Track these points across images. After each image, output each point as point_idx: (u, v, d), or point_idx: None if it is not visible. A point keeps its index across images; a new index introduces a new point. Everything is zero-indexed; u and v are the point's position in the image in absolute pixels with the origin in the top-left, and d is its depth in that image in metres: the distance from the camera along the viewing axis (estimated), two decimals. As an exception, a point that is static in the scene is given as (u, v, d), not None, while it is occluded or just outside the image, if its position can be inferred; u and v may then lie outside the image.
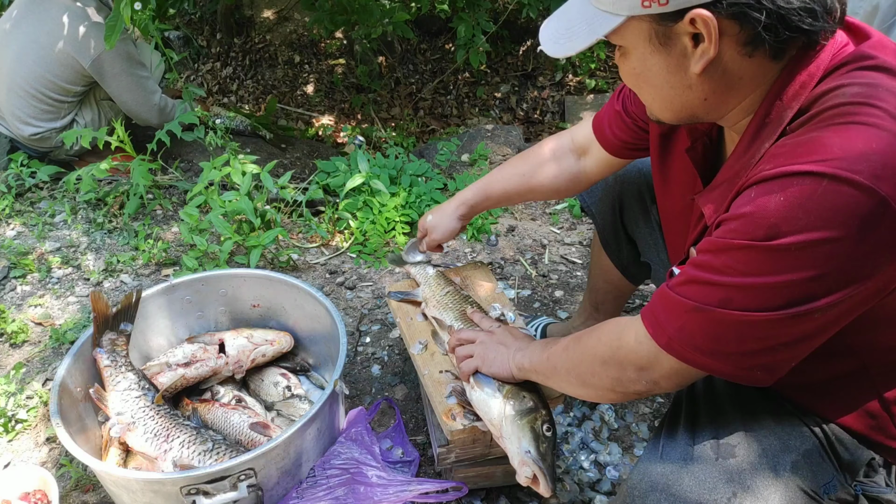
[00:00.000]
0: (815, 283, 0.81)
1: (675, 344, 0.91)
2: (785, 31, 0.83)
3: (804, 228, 0.78)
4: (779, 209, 0.80)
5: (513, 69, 4.91)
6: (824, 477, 0.99)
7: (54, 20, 2.69)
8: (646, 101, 1.03)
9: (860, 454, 1.03)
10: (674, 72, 0.91)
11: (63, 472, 1.63)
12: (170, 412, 1.51)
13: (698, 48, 0.87)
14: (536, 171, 1.53)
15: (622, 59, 0.97)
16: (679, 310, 0.90)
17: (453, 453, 1.42)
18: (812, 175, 0.79)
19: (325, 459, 1.47)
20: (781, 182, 0.81)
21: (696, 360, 0.91)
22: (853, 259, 0.79)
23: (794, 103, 0.87)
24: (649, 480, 0.99)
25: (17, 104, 2.77)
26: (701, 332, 0.89)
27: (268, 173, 2.41)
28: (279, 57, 4.94)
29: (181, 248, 2.52)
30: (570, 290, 2.30)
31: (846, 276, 0.80)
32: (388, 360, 1.99)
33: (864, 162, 0.77)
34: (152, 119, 2.95)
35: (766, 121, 0.90)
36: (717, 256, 0.86)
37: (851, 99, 0.82)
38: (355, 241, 2.53)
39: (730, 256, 0.85)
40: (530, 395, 1.29)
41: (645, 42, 0.90)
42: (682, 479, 0.97)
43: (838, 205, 0.77)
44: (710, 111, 0.96)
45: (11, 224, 2.64)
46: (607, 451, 1.68)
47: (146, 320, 1.74)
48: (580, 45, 0.94)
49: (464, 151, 3.24)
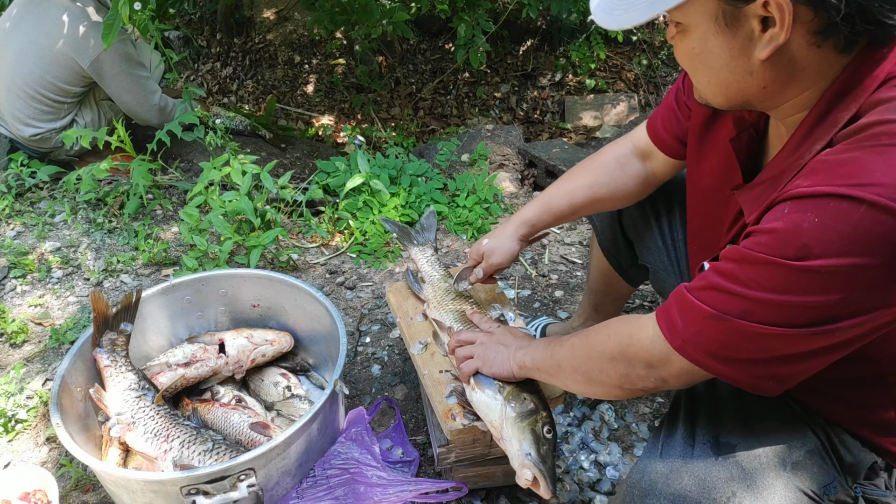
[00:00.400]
0: (840, 306, 0.80)
1: (689, 348, 0.91)
2: (862, 24, 0.79)
3: (836, 253, 0.77)
4: (812, 230, 0.79)
5: (513, 69, 4.91)
6: (825, 478, 0.99)
7: (53, 21, 2.69)
8: (699, 84, 0.98)
9: (863, 457, 1.02)
10: (736, 56, 0.87)
11: (63, 472, 1.63)
12: (170, 412, 1.51)
13: (766, 33, 0.82)
14: (603, 179, 1.46)
15: (680, 37, 0.92)
16: (697, 315, 0.90)
17: (453, 453, 1.42)
18: (850, 199, 0.77)
19: (325, 459, 1.47)
20: (817, 202, 0.79)
21: (708, 364, 0.90)
22: (882, 286, 0.78)
23: (852, 105, 0.84)
24: (649, 480, 0.99)
25: (16, 105, 2.77)
26: (717, 339, 0.88)
27: (268, 173, 2.41)
28: (279, 57, 4.94)
29: (181, 248, 2.52)
30: (570, 290, 2.30)
31: (873, 301, 0.80)
32: (388, 360, 1.99)
33: None
34: (152, 119, 2.95)
35: (822, 120, 0.87)
36: (742, 268, 0.85)
37: None
38: (355, 241, 2.53)
39: (756, 270, 0.83)
40: (531, 397, 1.29)
41: (710, 21, 0.86)
42: (682, 478, 0.96)
43: (874, 232, 0.76)
44: (765, 100, 0.92)
45: (11, 224, 2.64)
46: (607, 451, 1.68)
47: (146, 320, 1.74)
48: (639, 18, 0.87)
49: (464, 151, 3.24)
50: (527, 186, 3.16)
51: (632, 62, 4.94)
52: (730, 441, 1.00)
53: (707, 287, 0.89)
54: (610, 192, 1.45)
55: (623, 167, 1.45)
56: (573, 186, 1.49)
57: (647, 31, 4.98)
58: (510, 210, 2.83)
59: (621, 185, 1.45)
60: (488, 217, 2.70)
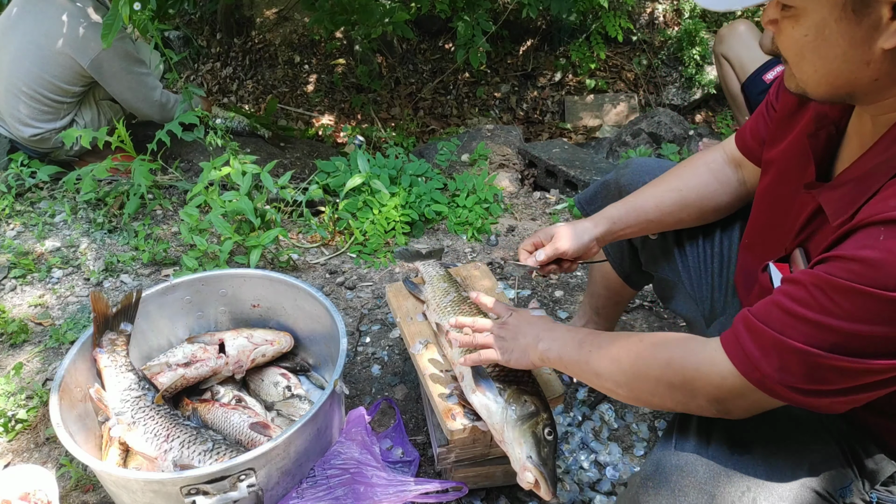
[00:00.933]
0: None
1: (769, 382, 0.86)
2: None
3: None
4: None
5: (513, 69, 4.92)
6: (842, 481, 0.97)
7: (52, 20, 2.69)
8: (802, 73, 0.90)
9: (884, 465, 1.01)
10: (858, 45, 0.81)
11: (63, 472, 1.63)
12: (170, 412, 1.51)
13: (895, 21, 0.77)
14: (692, 183, 1.38)
15: (790, 22, 0.85)
16: (780, 348, 0.84)
17: (453, 453, 1.42)
18: None
19: (325, 459, 1.47)
20: None
21: (789, 397, 0.86)
22: None
23: None
24: (662, 472, 0.96)
25: (16, 105, 2.77)
26: (803, 373, 0.83)
27: (268, 173, 2.41)
28: (279, 57, 4.94)
29: (181, 248, 2.52)
30: (570, 290, 2.30)
31: None
32: (388, 360, 1.99)
33: None
34: (155, 115, 2.96)
35: None
36: (830, 297, 0.80)
37: None
38: (355, 241, 2.53)
39: (848, 300, 0.78)
40: (532, 399, 1.28)
41: (833, 6, 0.80)
42: (697, 471, 0.94)
43: None
44: (872, 93, 0.87)
45: (11, 224, 2.64)
46: (607, 451, 1.68)
47: (146, 320, 1.74)
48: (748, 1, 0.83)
49: (464, 151, 3.24)
50: (527, 186, 3.16)
51: (632, 62, 4.94)
52: (745, 438, 0.97)
53: (787, 315, 0.84)
54: (699, 196, 1.37)
55: (714, 173, 1.38)
56: (661, 189, 1.41)
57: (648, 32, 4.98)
58: (510, 210, 2.83)
59: (712, 190, 1.37)
60: (488, 217, 2.70)
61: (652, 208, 1.38)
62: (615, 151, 3.47)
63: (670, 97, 4.81)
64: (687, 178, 1.38)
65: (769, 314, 0.85)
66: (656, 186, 1.41)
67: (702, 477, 0.93)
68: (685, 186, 1.37)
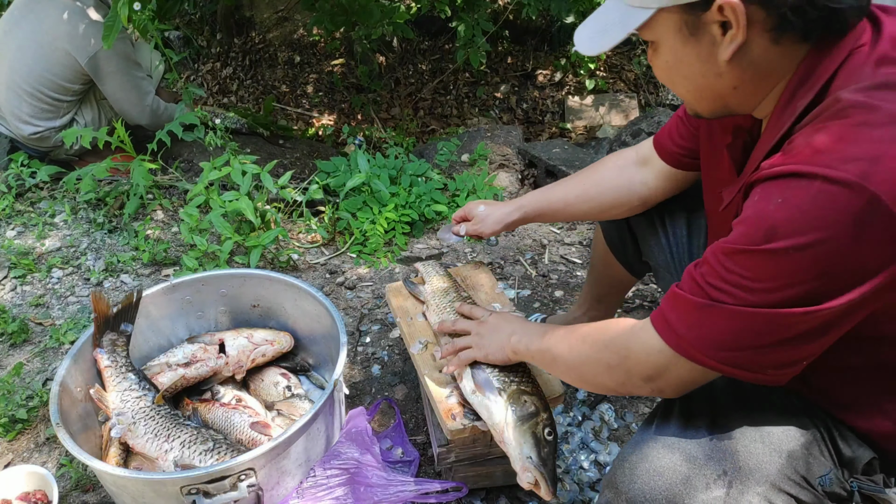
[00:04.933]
0: (818, 284, 0.81)
1: (685, 344, 0.92)
2: (813, 10, 0.84)
3: (799, 231, 0.80)
4: (776, 211, 0.82)
5: (513, 69, 4.91)
6: (820, 469, 0.99)
7: (54, 19, 2.69)
8: (681, 95, 1.05)
9: (861, 453, 1.03)
10: (704, 60, 0.93)
11: (63, 472, 1.63)
12: (170, 412, 1.51)
13: (727, 35, 0.89)
14: (596, 178, 1.51)
15: (654, 54, 0.99)
16: (690, 307, 0.91)
17: (453, 453, 1.42)
18: (806, 176, 0.80)
19: (325, 459, 1.47)
20: (780, 183, 0.83)
21: (706, 361, 0.91)
22: (853, 257, 0.79)
23: (808, 94, 0.88)
24: (641, 453, 1.00)
25: (16, 103, 2.78)
26: (714, 328, 0.89)
27: (268, 173, 2.41)
28: (279, 57, 4.94)
29: (181, 248, 2.52)
30: (570, 290, 2.30)
31: (851, 274, 0.81)
32: (388, 360, 1.99)
33: (854, 160, 0.78)
34: (143, 120, 2.95)
35: (784, 111, 0.92)
36: (722, 262, 0.88)
37: (852, 98, 0.83)
38: (355, 241, 2.53)
39: (734, 261, 0.86)
40: (531, 399, 1.28)
41: (675, 33, 0.93)
42: (674, 454, 0.97)
43: (830, 205, 0.78)
44: (742, 101, 0.98)
45: (11, 224, 2.65)
46: (607, 451, 1.68)
47: (146, 320, 1.74)
48: (613, 41, 0.96)
49: (464, 151, 3.24)
50: (527, 186, 3.16)
51: (632, 62, 4.94)
52: (726, 425, 1.00)
53: (693, 282, 0.92)
54: (599, 192, 1.50)
55: (620, 170, 1.49)
56: (571, 182, 1.55)
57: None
58: (510, 210, 2.83)
59: (613, 187, 1.48)
60: (488, 217, 2.70)
61: (559, 200, 1.55)
62: (615, 151, 3.47)
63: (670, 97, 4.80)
64: (593, 172, 1.53)
65: (687, 283, 0.93)
66: (569, 180, 1.57)
67: (678, 459, 0.96)
68: (590, 181, 1.52)
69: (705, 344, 0.90)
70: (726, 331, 0.88)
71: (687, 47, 0.93)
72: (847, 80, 0.86)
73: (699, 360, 0.91)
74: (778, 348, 0.87)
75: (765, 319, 0.85)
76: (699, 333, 0.90)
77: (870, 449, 1.03)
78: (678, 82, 1.01)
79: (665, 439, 1.00)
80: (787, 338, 0.86)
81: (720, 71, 0.93)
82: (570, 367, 1.13)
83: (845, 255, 0.79)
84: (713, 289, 0.88)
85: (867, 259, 0.80)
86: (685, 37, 0.92)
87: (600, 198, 1.50)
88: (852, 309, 0.83)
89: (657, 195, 1.46)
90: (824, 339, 0.87)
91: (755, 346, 0.88)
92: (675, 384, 0.98)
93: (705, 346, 0.90)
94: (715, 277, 0.88)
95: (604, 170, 1.52)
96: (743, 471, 0.94)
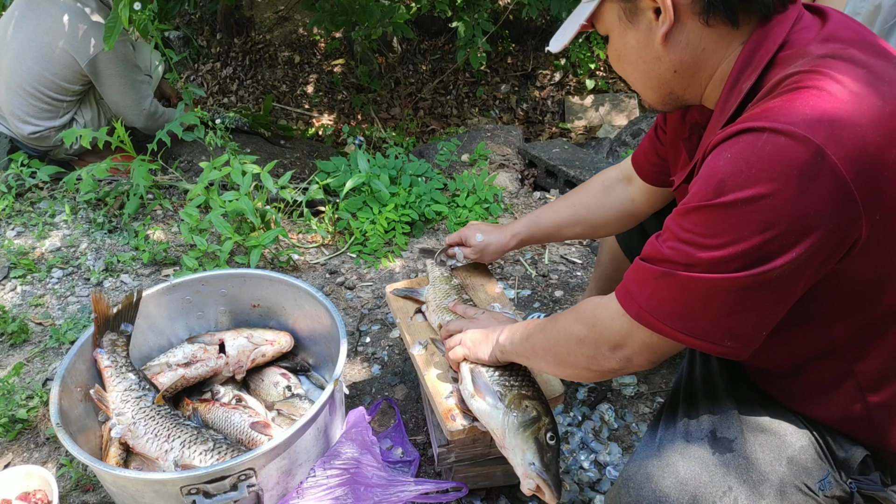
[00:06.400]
0: (766, 239, 0.81)
1: (644, 313, 0.93)
2: None
3: (746, 183, 0.81)
4: (726, 166, 0.84)
5: (513, 69, 4.92)
6: (819, 473, 1.00)
7: (54, 19, 2.70)
8: (631, 83, 1.10)
9: (854, 451, 1.03)
10: (643, 45, 0.99)
11: (63, 472, 1.63)
12: (170, 412, 1.51)
13: (660, 19, 0.95)
14: (586, 199, 1.55)
15: (608, 46, 1.06)
16: (648, 277, 0.93)
17: (453, 453, 1.42)
18: (754, 131, 0.83)
19: (325, 459, 1.47)
20: (731, 141, 0.85)
21: (665, 330, 0.91)
22: (798, 210, 0.80)
23: (752, 75, 0.91)
24: (645, 472, 0.99)
25: (16, 102, 2.78)
26: (669, 298, 0.90)
27: (268, 173, 2.41)
28: (279, 57, 4.95)
29: (181, 248, 2.52)
30: (570, 290, 2.31)
31: (795, 228, 0.81)
32: (388, 360, 1.99)
33: (801, 116, 0.80)
34: (139, 123, 2.95)
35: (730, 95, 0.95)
36: (678, 222, 0.90)
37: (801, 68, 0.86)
38: (355, 241, 2.53)
39: (688, 219, 0.88)
40: (532, 404, 1.26)
41: (618, 21, 1.00)
42: (678, 472, 0.97)
43: (776, 156, 0.80)
44: (685, 86, 1.02)
45: (11, 224, 2.65)
46: (607, 451, 1.68)
47: (146, 320, 1.74)
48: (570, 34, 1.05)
49: (464, 151, 3.24)
50: (527, 186, 3.16)
51: (632, 62, 4.93)
52: (727, 436, 1.00)
53: (654, 250, 0.93)
54: (590, 212, 1.54)
55: (606, 190, 1.53)
56: (560, 205, 1.59)
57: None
58: (510, 210, 2.83)
59: (602, 206, 1.52)
60: (488, 217, 2.70)
61: (550, 224, 1.59)
62: (615, 151, 3.47)
63: (670, 97, 4.80)
64: (582, 193, 1.57)
65: (648, 251, 0.95)
66: (558, 203, 1.60)
67: (683, 479, 0.96)
68: (579, 203, 1.56)
69: (662, 313, 0.91)
70: (680, 300, 0.89)
71: (628, 34, 1.00)
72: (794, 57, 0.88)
73: (659, 329, 0.92)
74: (730, 317, 0.88)
75: (714, 286, 0.86)
76: (656, 304, 0.92)
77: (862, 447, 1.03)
78: (627, 70, 1.06)
79: (669, 457, 1.00)
80: (737, 305, 0.86)
81: (658, 55, 0.98)
82: (547, 350, 1.14)
83: (789, 208, 0.80)
84: (669, 252, 0.90)
85: (809, 213, 0.80)
86: (626, 24, 0.99)
87: (591, 218, 1.54)
88: (797, 270, 0.83)
89: (646, 209, 1.49)
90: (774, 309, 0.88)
91: (708, 316, 0.88)
92: (643, 352, 0.98)
93: (663, 315, 0.91)
94: (672, 240, 0.90)
95: (591, 191, 1.55)
96: (748, 483, 0.94)
